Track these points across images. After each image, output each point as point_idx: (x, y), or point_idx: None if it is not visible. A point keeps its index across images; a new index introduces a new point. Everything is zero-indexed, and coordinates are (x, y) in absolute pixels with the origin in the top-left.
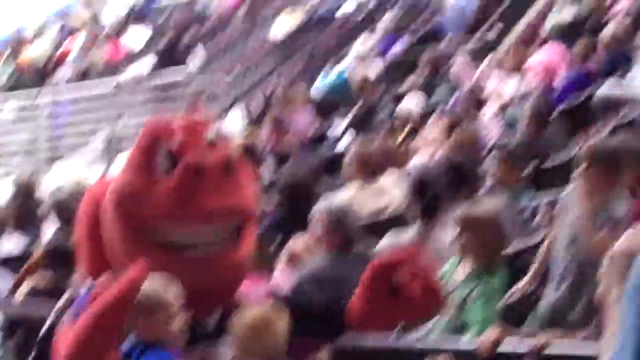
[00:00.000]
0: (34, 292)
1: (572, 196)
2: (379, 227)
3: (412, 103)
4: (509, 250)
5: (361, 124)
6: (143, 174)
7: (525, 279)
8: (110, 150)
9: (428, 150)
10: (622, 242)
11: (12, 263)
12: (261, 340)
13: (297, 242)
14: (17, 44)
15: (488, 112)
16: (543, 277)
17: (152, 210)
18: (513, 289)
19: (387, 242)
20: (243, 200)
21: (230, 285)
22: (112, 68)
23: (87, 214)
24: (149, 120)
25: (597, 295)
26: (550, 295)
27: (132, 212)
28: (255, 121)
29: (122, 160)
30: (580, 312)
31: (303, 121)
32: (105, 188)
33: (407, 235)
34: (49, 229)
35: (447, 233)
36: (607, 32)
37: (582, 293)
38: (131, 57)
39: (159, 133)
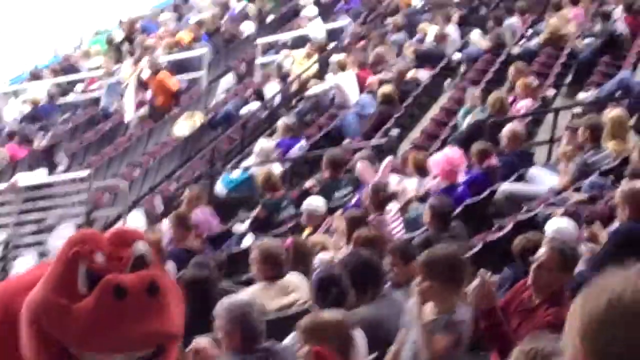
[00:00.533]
0: None
1: (414, 308)
2: (285, 323)
3: (315, 201)
4: None
5: (265, 222)
6: (62, 292)
7: None
8: (8, 253)
9: (332, 247)
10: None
11: None
12: None
13: (202, 341)
14: None
15: (390, 211)
16: None
17: (69, 332)
18: None
19: (293, 339)
20: (167, 323)
21: None
22: (13, 167)
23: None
24: (73, 233)
25: None
26: None
27: (48, 331)
28: (157, 221)
29: (21, 264)
30: None
31: (206, 219)
32: (10, 289)
33: None
34: None
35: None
36: (506, 131)
37: None
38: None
39: (81, 248)
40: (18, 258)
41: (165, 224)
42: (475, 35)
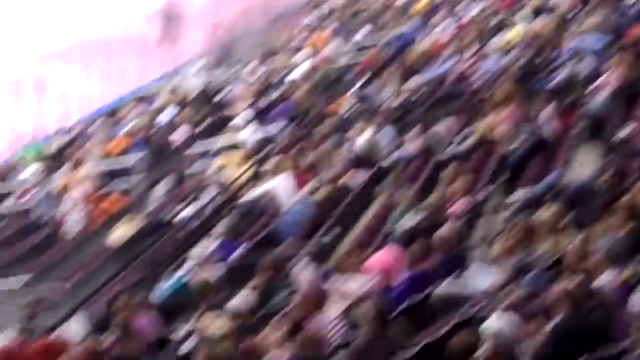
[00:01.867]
0: None
1: None
2: None
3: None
4: None
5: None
6: None
7: None
8: None
9: (274, 352)
10: None
11: None
12: None
13: None
14: None
15: (331, 313)
16: None
17: None
18: None
19: None
20: None
21: None
22: None
23: None
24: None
25: None
26: None
27: None
28: (96, 328)
29: None
30: None
31: (146, 326)
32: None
33: None
34: None
35: None
36: (441, 233)
37: None
38: None
39: None
40: None
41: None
42: (405, 139)
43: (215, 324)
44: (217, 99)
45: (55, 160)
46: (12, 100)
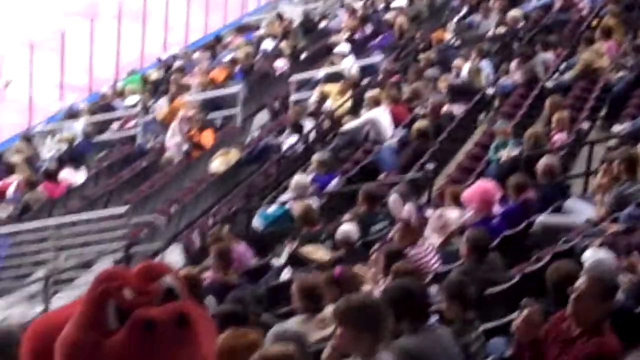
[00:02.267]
0: None
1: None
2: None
3: (348, 227)
4: None
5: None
6: (92, 330)
7: None
8: (48, 289)
9: (369, 282)
10: None
11: None
12: None
13: None
14: None
15: (427, 245)
16: None
17: None
18: None
19: None
20: (199, 354)
21: None
22: (51, 206)
23: (30, 349)
24: (101, 271)
25: None
26: None
27: None
28: (195, 255)
29: (60, 299)
30: None
31: (244, 254)
32: (50, 323)
33: None
34: None
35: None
36: (542, 165)
37: None
38: (69, 195)
39: (109, 284)
40: (57, 294)
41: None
42: (509, 69)
43: (314, 252)
44: (318, 28)
45: (157, 89)
46: (115, 30)
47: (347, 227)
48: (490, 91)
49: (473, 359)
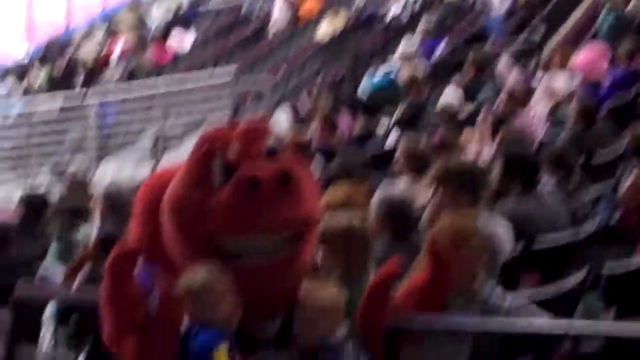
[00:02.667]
0: (88, 280)
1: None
2: None
3: (452, 96)
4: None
5: (408, 123)
6: (198, 186)
7: None
8: (158, 149)
9: (475, 148)
10: None
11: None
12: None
13: None
14: (60, 46)
15: (535, 111)
16: None
17: (207, 224)
18: None
19: None
20: (300, 211)
21: (290, 292)
22: (158, 70)
23: (141, 207)
24: (206, 130)
25: None
26: None
27: (188, 223)
28: (301, 120)
29: (169, 159)
30: None
31: (349, 120)
32: (161, 181)
33: None
34: (102, 222)
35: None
36: None
37: None
38: (177, 61)
39: (214, 143)
40: (165, 156)
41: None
42: None
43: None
44: None
45: None
46: None
47: (449, 98)
48: None
49: (580, 224)
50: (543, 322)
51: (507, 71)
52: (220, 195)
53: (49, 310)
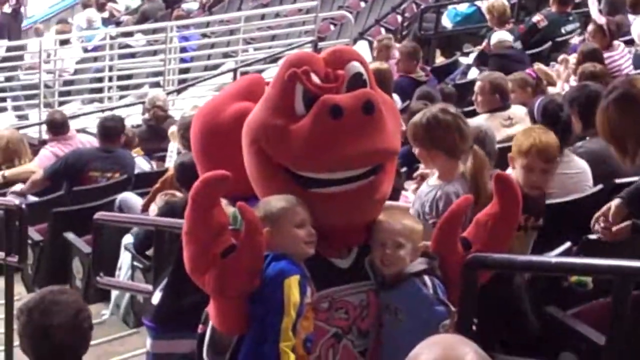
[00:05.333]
0: (168, 209)
1: None
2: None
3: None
4: None
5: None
6: (280, 113)
7: None
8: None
9: (559, 81)
10: None
11: (142, 181)
12: None
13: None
14: None
15: (621, 48)
16: None
17: (288, 152)
18: None
19: None
20: (383, 141)
21: (368, 223)
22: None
23: (197, 130)
24: (290, 55)
25: None
26: None
27: (268, 151)
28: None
29: None
30: None
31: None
32: (212, 107)
33: None
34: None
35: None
36: None
37: None
38: None
39: (297, 70)
40: None
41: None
42: None
43: None
44: None
45: None
46: None
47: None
48: None
49: None
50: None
51: (594, 4)
52: (301, 123)
53: (127, 239)
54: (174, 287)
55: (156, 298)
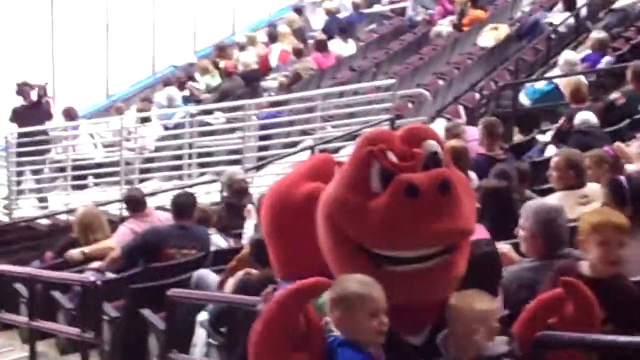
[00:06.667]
0: (242, 286)
1: None
2: None
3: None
4: None
5: (568, 132)
6: (355, 190)
7: None
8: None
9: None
10: None
11: (219, 259)
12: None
13: (503, 246)
14: (222, 51)
15: None
16: None
17: (363, 230)
18: None
19: None
20: (459, 222)
21: (441, 300)
22: (319, 76)
23: (272, 213)
24: (365, 133)
25: None
26: None
27: (343, 227)
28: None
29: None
30: None
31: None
32: (286, 183)
33: None
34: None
35: None
36: None
37: None
38: (338, 67)
39: (374, 147)
40: None
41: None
42: None
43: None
44: None
45: None
46: None
47: (586, 115)
48: None
49: None
50: None
51: None
52: (377, 201)
53: (202, 316)
54: None
55: None
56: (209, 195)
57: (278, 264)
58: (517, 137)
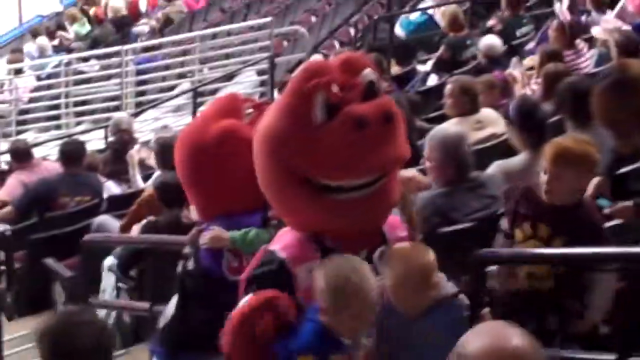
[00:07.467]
0: (151, 228)
1: None
2: (483, 155)
3: (492, 39)
4: None
5: (449, 61)
6: (299, 122)
7: None
8: (194, 100)
9: (525, 82)
10: None
11: (113, 204)
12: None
13: (408, 171)
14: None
15: (581, 46)
16: None
17: (313, 162)
18: None
19: (495, 170)
20: (401, 149)
21: (379, 225)
22: (191, 19)
23: (182, 156)
24: (308, 63)
25: None
26: None
27: (290, 161)
28: None
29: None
30: None
31: None
32: (195, 131)
33: (514, 163)
34: (156, 172)
35: None
36: None
37: None
38: (209, 8)
39: (319, 80)
40: (203, 105)
41: None
42: None
43: None
44: None
45: None
46: None
47: (491, 39)
48: None
49: None
50: None
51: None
52: (324, 133)
53: (109, 261)
54: (183, 309)
55: (162, 323)
56: (90, 143)
57: (201, 206)
58: (395, 69)
